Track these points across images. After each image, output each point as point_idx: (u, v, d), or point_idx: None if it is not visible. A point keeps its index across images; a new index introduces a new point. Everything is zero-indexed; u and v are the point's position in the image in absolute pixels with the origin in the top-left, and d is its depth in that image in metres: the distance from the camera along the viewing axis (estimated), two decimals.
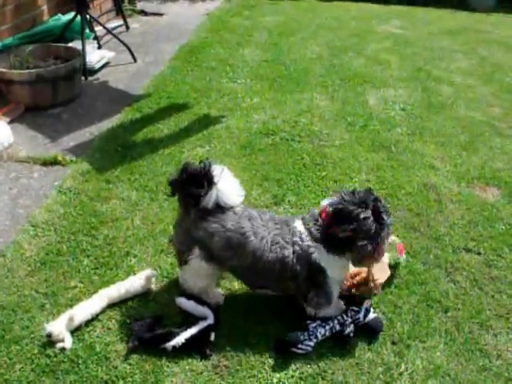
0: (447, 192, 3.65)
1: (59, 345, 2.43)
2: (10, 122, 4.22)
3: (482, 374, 2.44)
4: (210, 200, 2.49)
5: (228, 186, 2.58)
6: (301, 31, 6.88)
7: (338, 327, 2.55)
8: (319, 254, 2.43)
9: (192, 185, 2.49)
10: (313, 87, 5.11)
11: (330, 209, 2.43)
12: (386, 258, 2.78)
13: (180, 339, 2.42)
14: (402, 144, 4.21)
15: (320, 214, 2.49)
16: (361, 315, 2.60)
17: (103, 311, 2.60)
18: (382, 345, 2.54)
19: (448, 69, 5.79)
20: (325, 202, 2.50)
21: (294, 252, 2.44)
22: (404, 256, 2.94)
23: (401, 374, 2.41)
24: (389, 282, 2.81)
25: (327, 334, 2.52)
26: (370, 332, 2.57)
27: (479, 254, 3.14)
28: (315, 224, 2.47)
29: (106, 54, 5.33)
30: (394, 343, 2.56)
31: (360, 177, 3.76)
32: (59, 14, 5.42)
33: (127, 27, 6.37)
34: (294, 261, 2.44)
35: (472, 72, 5.77)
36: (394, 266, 2.89)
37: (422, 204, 3.51)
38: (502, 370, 2.47)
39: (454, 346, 2.56)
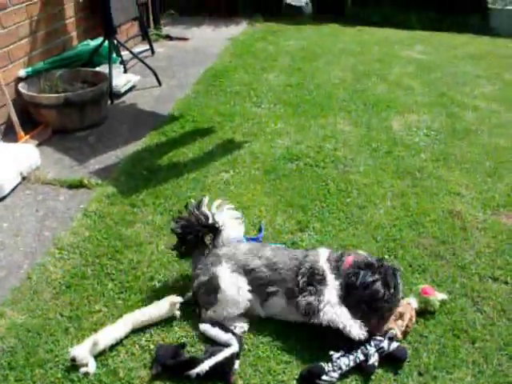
0: (472, 219, 3.61)
1: (83, 369, 2.43)
2: (38, 145, 4.31)
3: None
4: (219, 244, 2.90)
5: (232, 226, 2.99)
6: (324, 56, 6.93)
7: (361, 357, 2.51)
8: None
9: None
10: (336, 112, 5.12)
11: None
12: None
13: (204, 366, 2.41)
14: (427, 170, 4.18)
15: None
16: (385, 344, 2.57)
17: (127, 336, 2.60)
18: (408, 376, 2.49)
19: (471, 94, 5.76)
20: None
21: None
22: (438, 295, 2.85)
23: None
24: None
25: (351, 364, 2.48)
26: (394, 361, 2.53)
27: (506, 283, 3.08)
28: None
29: (131, 78, 5.43)
30: (420, 374, 2.51)
31: (385, 203, 3.74)
32: (88, 40, 5.55)
33: (153, 51, 6.48)
34: None
35: (496, 97, 5.72)
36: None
37: (447, 231, 3.47)
38: None
39: (482, 379, 2.50)
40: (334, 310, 2.60)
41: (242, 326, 2.69)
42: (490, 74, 6.46)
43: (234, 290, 2.71)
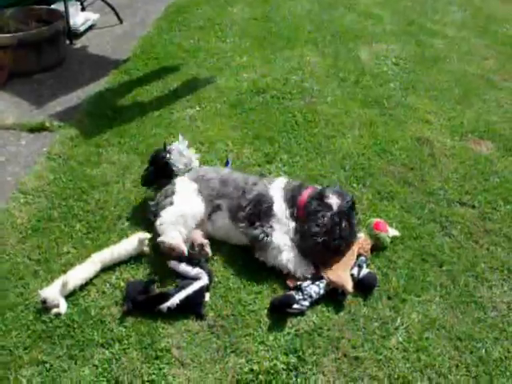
0: (441, 146, 3.62)
1: (54, 310, 2.43)
2: None
3: (477, 326, 2.46)
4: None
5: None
6: None
7: (330, 284, 2.54)
8: None
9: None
10: (303, 44, 4.99)
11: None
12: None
13: (175, 300, 2.42)
14: (395, 99, 4.15)
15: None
16: (355, 271, 2.61)
17: (97, 275, 2.59)
18: (378, 300, 2.54)
19: (441, 21, 5.66)
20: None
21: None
22: (390, 231, 2.84)
23: (396, 328, 2.42)
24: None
25: (321, 292, 2.51)
26: (365, 288, 2.57)
27: (474, 207, 3.13)
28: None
29: (90, 16, 5.17)
30: (389, 298, 2.56)
31: (353, 133, 3.71)
32: None
33: None
34: None
35: (466, 24, 5.65)
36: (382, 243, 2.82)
37: (415, 159, 3.48)
38: (496, 321, 2.49)
39: (450, 299, 2.57)
40: (281, 257, 2.63)
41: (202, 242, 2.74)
42: (461, 0, 6.32)
43: (190, 192, 2.80)
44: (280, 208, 2.71)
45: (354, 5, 5.97)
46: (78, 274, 2.55)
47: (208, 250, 2.69)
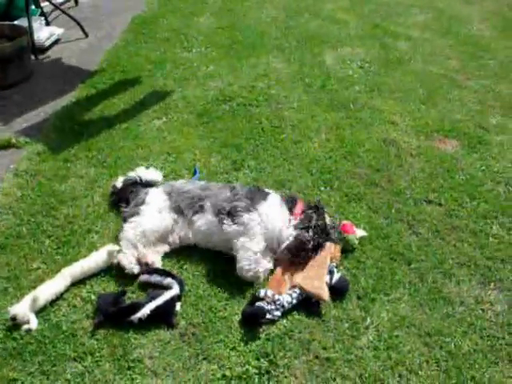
0: (407, 146, 3.68)
1: (25, 327, 2.41)
2: None
3: (446, 321, 2.51)
4: None
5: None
6: None
7: (304, 294, 2.55)
8: None
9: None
10: (269, 51, 5.03)
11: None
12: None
13: (145, 311, 2.42)
14: (361, 101, 4.21)
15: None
16: (327, 278, 2.62)
17: (68, 290, 2.57)
18: (348, 301, 2.58)
19: (405, 24, 5.76)
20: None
21: None
22: (357, 232, 2.89)
23: (367, 327, 2.46)
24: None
25: (294, 301, 2.53)
26: (337, 293, 2.59)
27: (440, 205, 3.19)
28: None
29: (55, 31, 5.12)
30: (359, 298, 2.60)
31: (319, 137, 3.76)
32: None
33: (76, 1, 6.10)
34: None
35: (429, 26, 5.76)
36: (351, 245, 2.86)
37: (382, 160, 3.54)
38: (464, 315, 2.54)
39: (418, 297, 2.62)
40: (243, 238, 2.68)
41: (163, 248, 2.81)
42: (423, 3, 6.45)
43: (157, 206, 2.85)
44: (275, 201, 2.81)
45: (319, 10, 6.04)
46: (48, 289, 2.53)
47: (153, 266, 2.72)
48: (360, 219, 3.03)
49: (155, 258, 2.74)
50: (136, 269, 2.68)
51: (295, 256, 2.69)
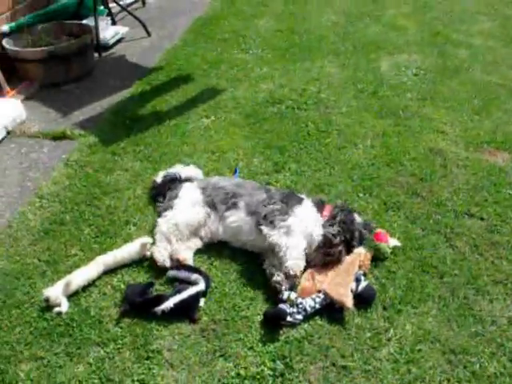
0: (454, 157, 3.56)
1: (56, 309, 2.53)
2: (25, 100, 4.34)
3: (474, 340, 2.40)
4: None
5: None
6: None
7: (328, 300, 2.53)
8: None
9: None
10: (325, 55, 5.01)
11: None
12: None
13: (169, 304, 2.48)
14: (411, 109, 4.11)
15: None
16: (353, 286, 2.58)
17: (100, 277, 2.68)
18: (373, 310, 2.52)
19: (468, 32, 5.56)
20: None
21: None
22: (390, 242, 2.83)
23: (389, 339, 2.40)
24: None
25: (317, 306, 2.51)
26: (363, 302, 2.55)
27: (482, 219, 3.06)
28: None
29: (120, 30, 5.37)
30: (384, 308, 2.54)
31: (365, 143, 3.71)
32: None
33: (144, 2, 6.38)
34: None
35: (493, 34, 5.53)
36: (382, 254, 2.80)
37: (426, 169, 3.44)
38: (495, 335, 2.42)
39: (447, 312, 2.53)
40: (285, 238, 2.67)
41: (196, 243, 2.85)
42: (490, 10, 6.22)
43: (190, 200, 2.91)
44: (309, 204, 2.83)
45: (380, 16, 5.96)
46: (81, 276, 2.65)
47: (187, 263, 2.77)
48: (396, 228, 2.96)
49: (187, 254, 2.79)
50: (168, 262, 2.75)
51: (325, 254, 2.68)
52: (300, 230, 2.72)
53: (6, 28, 4.55)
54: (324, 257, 2.70)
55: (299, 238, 2.69)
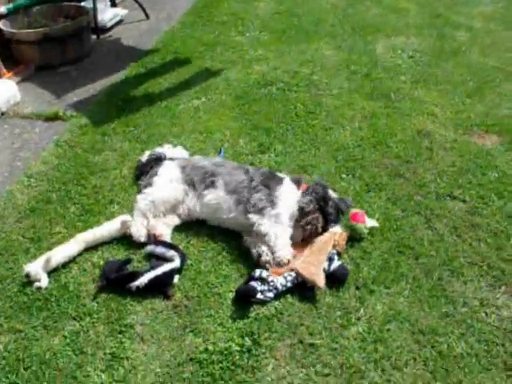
0: (441, 139, 3.53)
1: (36, 284, 2.59)
2: (21, 82, 4.40)
3: (444, 320, 2.40)
4: None
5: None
6: None
7: (300, 278, 2.54)
8: None
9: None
10: (321, 37, 4.99)
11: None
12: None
13: (143, 280, 2.52)
14: (403, 91, 4.08)
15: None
16: (325, 265, 2.59)
17: (80, 254, 2.73)
18: (345, 290, 2.54)
19: (470, 14, 5.48)
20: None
21: None
22: (368, 222, 2.82)
23: (359, 318, 2.41)
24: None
25: (289, 284, 2.52)
26: (336, 281, 2.55)
27: (464, 201, 3.04)
28: None
29: (119, 12, 5.39)
30: (357, 288, 2.55)
31: (352, 125, 3.70)
32: None
33: None
34: None
35: (495, 16, 5.43)
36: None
37: (411, 151, 3.42)
38: (465, 317, 2.42)
39: (420, 293, 2.53)
40: (275, 228, 2.69)
41: (173, 220, 2.90)
42: None
43: (169, 177, 2.96)
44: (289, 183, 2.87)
45: None
46: (61, 252, 2.70)
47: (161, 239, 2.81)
48: (376, 209, 2.96)
49: (164, 230, 2.84)
50: (143, 237, 2.80)
51: (303, 226, 2.71)
52: (287, 214, 2.75)
53: (3, 9, 4.58)
54: (303, 230, 2.72)
55: (286, 225, 2.73)
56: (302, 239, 2.75)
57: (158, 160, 3.19)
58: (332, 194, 2.83)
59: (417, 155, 3.38)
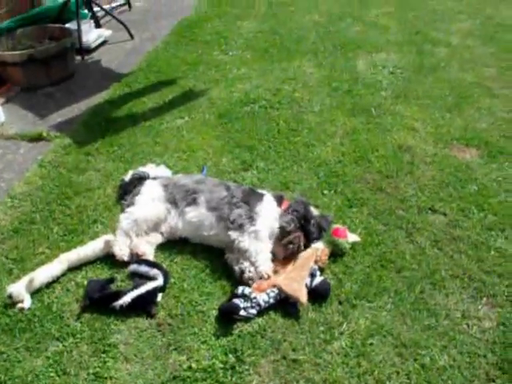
0: (422, 153, 3.58)
1: (19, 305, 2.57)
2: (5, 103, 4.40)
3: (426, 333, 2.42)
4: None
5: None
6: (302, 0, 6.73)
7: (282, 295, 2.55)
8: None
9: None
10: (303, 55, 5.05)
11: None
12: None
13: (127, 299, 2.52)
14: (384, 107, 4.15)
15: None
16: (307, 281, 2.61)
17: (64, 274, 2.72)
18: (328, 305, 2.55)
19: (448, 30, 5.58)
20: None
21: None
22: (350, 237, 2.84)
23: (341, 333, 2.42)
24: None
25: (271, 301, 2.53)
26: (317, 297, 2.57)
27: (445, 214, 3.09)
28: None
29: (103, 33, 5.43)
30: (340, 303, 2.56)
31: (334, 141, 3.74)
32: None
33: (129, 6, 6.45)
34: None
35: (473, 32, 5.55)
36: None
37: (393, 166, 3.46)
38: (447, 329, 2.44)
39: (402, 306, 2.55)
40: (255, 244, 2.71)
41: (156, 238, 2.91)
42: (472, 9, 6.23)
43: (151, 196, 2.97)
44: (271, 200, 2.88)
45: (362, 16, 5.99)
46: (44, 272, 2.68)
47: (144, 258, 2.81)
48: (358, 224, 2.99)
49: (147, 248, 2.84)
50: (126, 256, 2.80)
51: (285, 245, 2.72)
52: (267, 231, 2.77)
53: None
54: (285, 248, 2.74)
55: (266, 241, 2.75)
56: (284, 257, 2.77)
57: (141, 179, 3.21)
58: (313, 211, 2.86)
59: (398, 170, 3.42)
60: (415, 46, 5.21)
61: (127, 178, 3.27)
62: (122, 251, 2.80)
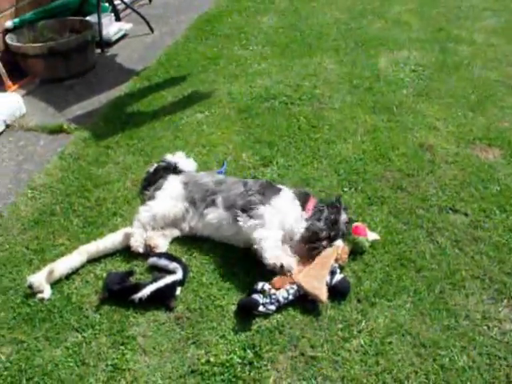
0: (443, 152, 3.54)
1: (39, 296, 2.61)
2: (26, 95, 4.44)
3: (445, 334, 2.40)
4: None
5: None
6: None
7: (301, 291, 2.55)
8: None
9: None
10: (324, 52, 5.01)
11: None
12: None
13: (146, 291, 2.54)
14: (405, 105, 4.09)
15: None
16: (327, 279, 2.59)
17: (83, 266, 2.75)
18: (347, 303, 2.54)
19: (472, 28, 5.49)
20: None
21: None
22: (369, 235, 2.83)
23: (360, 331, 2.41)
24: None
25: (290, 297, 2.53)
26: (337, 294, 2.56)
27: (466, 214, 3.04)
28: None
29: (123, 27, 5.45)
30: (359, 301, 2.55)
31: (354, 138, 3.71)
32: None
33: None
34: None
35: (497, 30, 5.44)
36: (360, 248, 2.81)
37: (414, 165, 3.43)
38: (467, 329, 2.41)
39: (421, 306, 2.53)
40: (261, 230, 2.69)
41: (172, 232, 2.93)
42: (498, 6, 6.11)
43: (171, 193, 2.98)
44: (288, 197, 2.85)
45: (384, 13, 5.92)
46: (64, 264, 2.72)
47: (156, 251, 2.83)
48: (378, 223, 2.97)
49: (160, 241, 2.86)
50: (141, 248, 2.82)
51: (310, 249, 2.70)
52: (276, 220, 2.73)
53: (9, 24, 4.65)
54: (309, 251, 2.72)
55: (273, 229, 2.71)
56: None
57: (166, 170, 3.21)
58: (344, 217, 2.82)
59: (419, 169, 3.39)
60: (438, 43, 5.13)
61: (152, 168, 3.29)
62: (137, 242, 2.82)
